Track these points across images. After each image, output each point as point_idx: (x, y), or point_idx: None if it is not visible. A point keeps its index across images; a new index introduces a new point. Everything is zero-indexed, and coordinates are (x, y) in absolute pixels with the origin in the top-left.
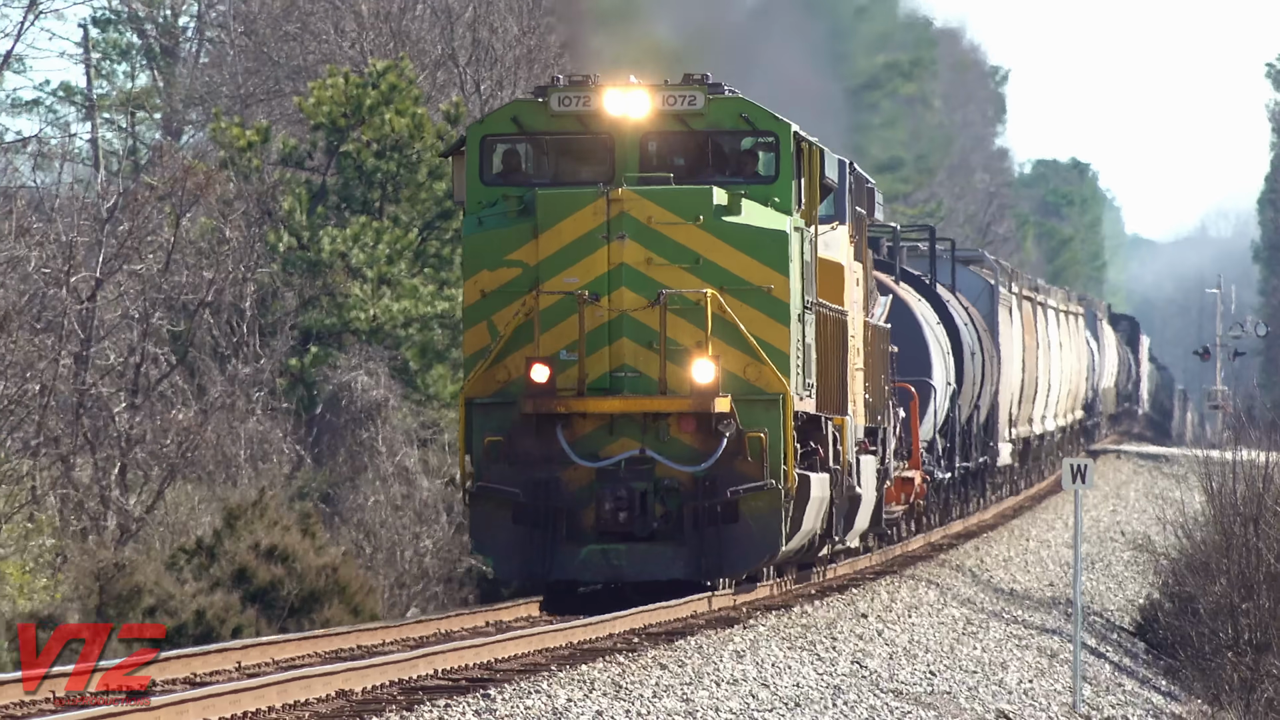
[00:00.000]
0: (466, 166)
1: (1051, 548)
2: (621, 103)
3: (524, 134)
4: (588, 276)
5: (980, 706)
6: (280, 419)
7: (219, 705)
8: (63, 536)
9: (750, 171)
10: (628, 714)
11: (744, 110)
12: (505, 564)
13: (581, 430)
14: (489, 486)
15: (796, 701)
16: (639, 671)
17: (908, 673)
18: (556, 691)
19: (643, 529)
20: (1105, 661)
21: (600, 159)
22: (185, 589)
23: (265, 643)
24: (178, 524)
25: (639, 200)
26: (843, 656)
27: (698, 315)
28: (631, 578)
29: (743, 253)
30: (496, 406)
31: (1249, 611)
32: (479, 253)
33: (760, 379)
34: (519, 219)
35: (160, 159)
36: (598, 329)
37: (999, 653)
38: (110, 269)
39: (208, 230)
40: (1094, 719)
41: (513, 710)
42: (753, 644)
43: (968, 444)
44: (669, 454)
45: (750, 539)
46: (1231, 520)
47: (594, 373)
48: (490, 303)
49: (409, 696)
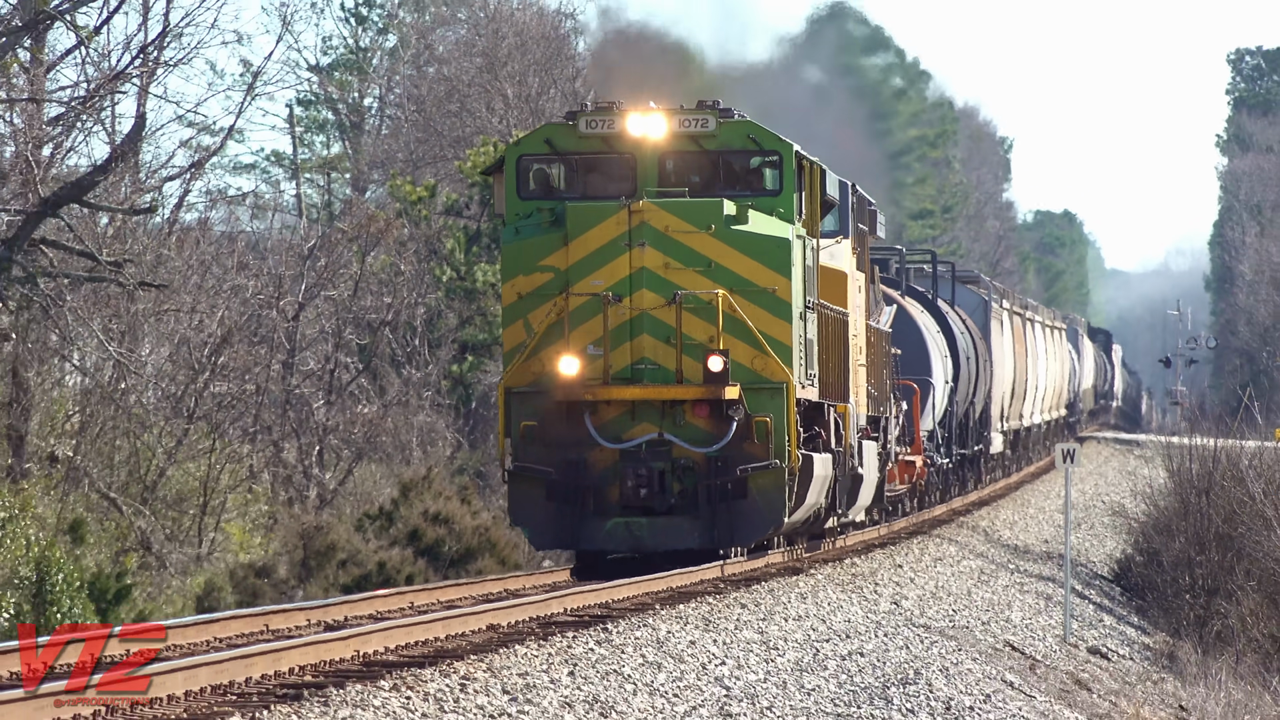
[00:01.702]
0: (505, 183)
1: (1046, 513)
2: (642, 125)
3: (555, 154)
4: (612, 279)
5: (991, 638)
6: (443, 412)
7: (396, 635)
8: (274, 504)
9: (757, 186)
10: (714, 642)
11: (751, 132)
12: (540, 535)
13: (606, 416)
14: (525, 466)
15: (847, 634)
16: (724, 609)
17: (934, 611)
18: (659, 625)
19: (661, 504)
20: (1089, 603)
21: (623, 175)
22: (369, 545)
23: (432, 587)
24: (363, 494)
25: (657, 212)
26: (883, 598)
27: (710, 313)
28: (651, 547)
29: (750, 258)
30: (532, 395)
31: (1202, 563)
32: (516, 259)
33: (766, 369)
34: (551, 229)
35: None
36: (621, 326)
37: (1006, 596)
38: (310, 295)
39: (387, 265)
40: (1080, 647)
41: (625, 640)
42: (813, 588)
43: (964, 434)
44: (684, 437)
45: (757, 512)
46: (1188, 492)
47: (617, 365)
48: (526, 303)
49: (544, 629)
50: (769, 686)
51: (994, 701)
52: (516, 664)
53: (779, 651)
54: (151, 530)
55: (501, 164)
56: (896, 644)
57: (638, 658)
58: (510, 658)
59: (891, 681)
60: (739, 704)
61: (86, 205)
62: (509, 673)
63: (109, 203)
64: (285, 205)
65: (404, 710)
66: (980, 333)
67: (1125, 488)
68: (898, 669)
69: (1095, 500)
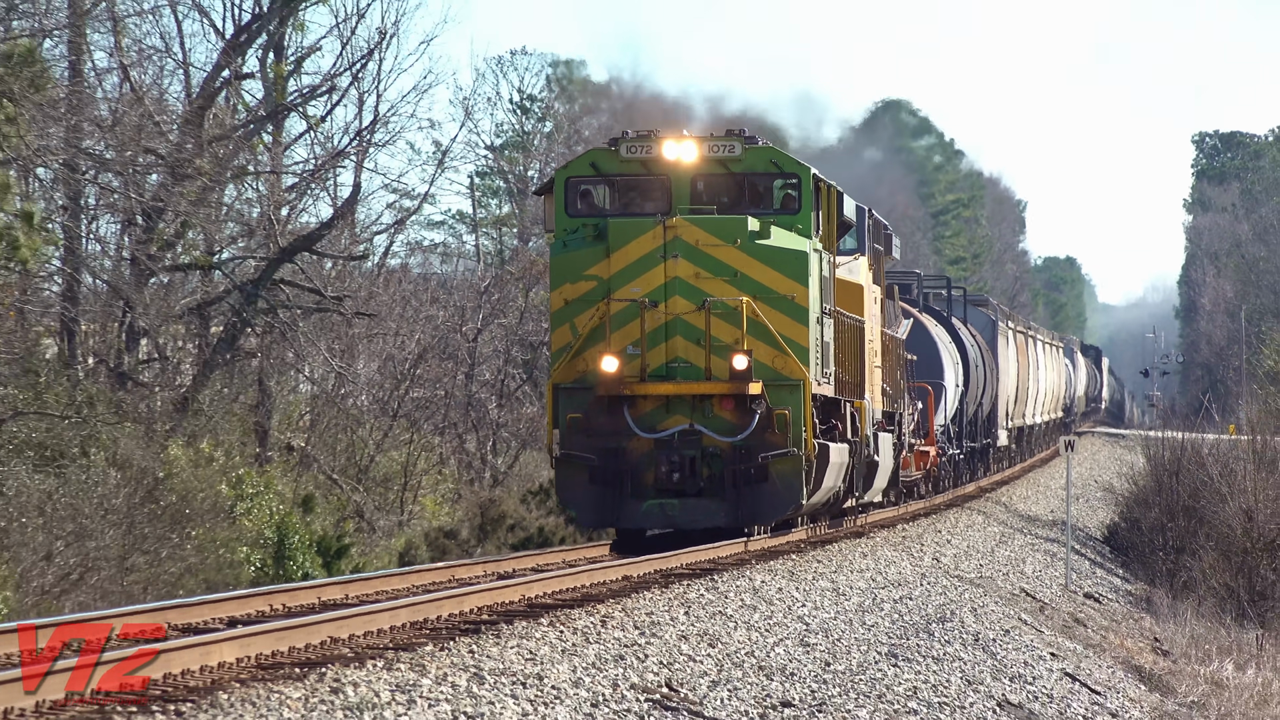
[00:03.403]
0: (555, 202)
1: (1051, 491)
2: (676, 150)
3: (599, 175)
4: (648, 287)
5: (1010, 585)
6: None
7: (552, 583)
8: (458, 483)
9: (778, 205)
10: (797, 589)
11: (773, 157)
12: (584, 514)
13: (643, 409)
14: (571, 453)
15: (898, 582)
16: (804, 564)
17: (966, 565)
18: (754, 575)
19: (692, 487)
20: (1085, 559)
21: (659, 194)
22: (532, 514)
23: (579, 547)
24: (527, 475)
25: (689, 227)
26: (926, 555)
27: (735, 318)
28: (683, 525)
29: (771, 268)
30: (577, 390)
31: (1172, 529)
32: (563, 269)
33: (785, 368)
34: (594, 242)
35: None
36: (656, 329)
37: (1021, 553)
38: (486, 322)
39: (544, 299)
40: (1078, 593)
41: (729, 587)
42: (872, 549)
43: (974, 430)
44: (712, 427)
45: (777, 494)
46: (1161, 473)
47: (653, 363)
48: (572, 309)
49: (665, 579)
50: (838, 623)
51: (1012, 635)
52: (644, 605)
53: (846, 596)
54: (364, 503)
55: (552, 185)
56: (936, 590)
57: (738, 601)
58: (639, 601)
59: (933, 619)
60: (815, 636)
61: (315, 253)
62: (639, 612)
63: (332, 251)
64: (467, 253)
65: (559, 640)
66: (988, 346)
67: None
68: (937, 609)
69: (1089, 480)
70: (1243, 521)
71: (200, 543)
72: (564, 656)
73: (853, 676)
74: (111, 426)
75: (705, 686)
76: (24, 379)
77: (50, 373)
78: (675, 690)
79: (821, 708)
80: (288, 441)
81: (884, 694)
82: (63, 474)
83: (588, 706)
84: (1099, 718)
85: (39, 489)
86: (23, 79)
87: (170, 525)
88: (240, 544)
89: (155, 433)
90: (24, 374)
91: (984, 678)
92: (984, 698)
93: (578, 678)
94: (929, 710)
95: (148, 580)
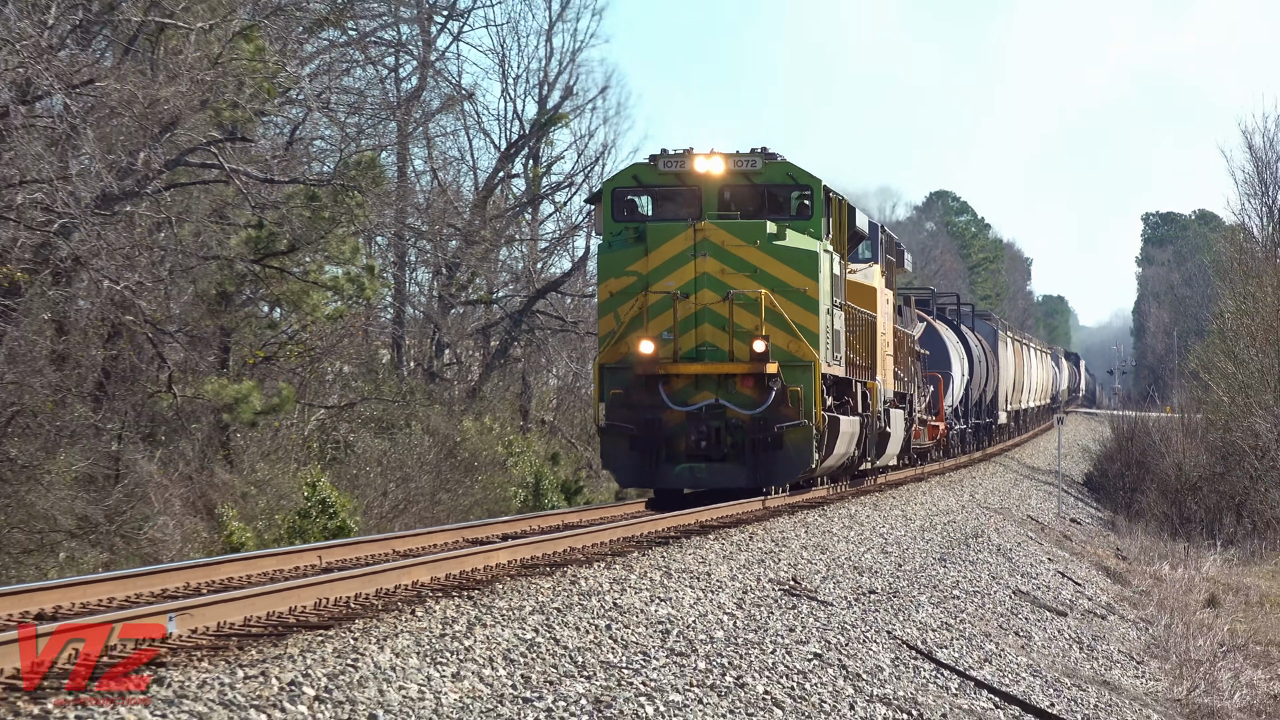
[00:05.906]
0: (603, 209)
1: (1047, 451)
2: (705, 165)
3: (640, 186)
4: (680, 281)
5: (1020, 513)
6: None
7: (714, 513)
8: None
9: (793, 211)
10: (879, 515)
11: (789, 170)
12: (624, 476)
13: (676, 386)
14: (614, 424)
15: (947, 511)
16: (884, 499)
17: (992, 500)
18: (851, 507)
19: (717, 453)
20: (1070, 495)
21: (691, 202)
22: None
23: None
24: None
25: (716, 230)
26: (965, 493)
27: (755, 308)
28: (709, 486)
29: (787, 265)
30: (619, 370)
31: (1128, 476)
32: (609, 266)
33: (798, 351)
34: (635, 243)
35: None
36: (687, 317)
37: (1028, 492)
38: None
39: None
40: (1065, 519)
41: (833, 515)
42: (928, 490)
43: (979, 411)
44: (735, 402)
45: (790, 460)
46: (1122, 438)
47: (684, 347)
48: (615, 300)
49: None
50: (905, 537)
51: (1022, 546)
52: (779, 526)
53: (911, 520)
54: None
55: (600, 195)
56: (971, 517)
57: (839, 523)
58: (774, 524)
59: (970, 536)
60: (891, 546)
61: (559, 292)
62: (774, 531)
63: (571, 291)
64: None
65: (720, 550)
66: (990, 348)
67: (1089, 437)
68: (973, 529)
69: (1073, 444)
70: (1175, 471)
71: (484, 484)
72: (724, 560)
73: (916, 573)
74: (425, 408)
75: (818, 580)
76: (368, 376)
77: (384, 372)
78: (799, 582)
79: (895, 594)
80: (541, 417)
81: (937, 585)
82: (393, 439)
83: (740, 593)
84: (1080, 600)
85: (377, 448)
86: (367, 178)
87: (464, 473)
88: (510, 485)
89: (454, 412)
90: (368, 373)
91: (1004, 574)
92: (1003, 588)
93: (733, 574)
94: (966, 596)
95: (449, 510)
